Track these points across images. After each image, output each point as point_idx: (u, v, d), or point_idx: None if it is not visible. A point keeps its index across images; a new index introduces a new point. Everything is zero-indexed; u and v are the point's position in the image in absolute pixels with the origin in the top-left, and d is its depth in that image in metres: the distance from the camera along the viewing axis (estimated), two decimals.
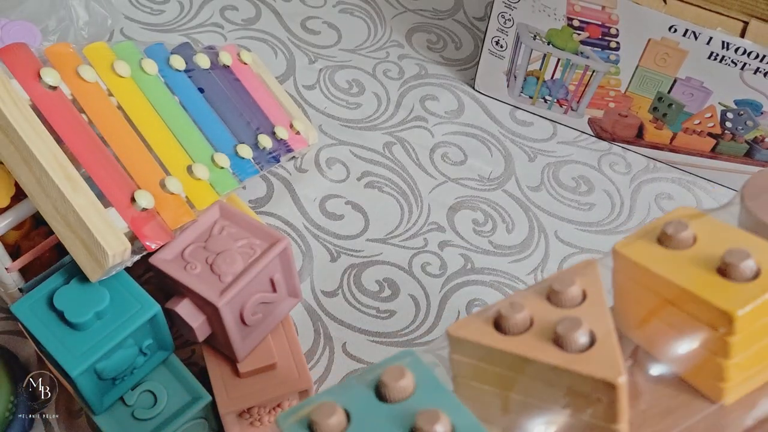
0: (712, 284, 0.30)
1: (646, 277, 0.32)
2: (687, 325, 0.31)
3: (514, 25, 0.73)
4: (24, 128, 0.48)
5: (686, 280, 0.30)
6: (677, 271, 0.31)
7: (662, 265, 0.32)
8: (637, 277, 0.33)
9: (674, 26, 0.67)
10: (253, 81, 0.65)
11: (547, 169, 0.76)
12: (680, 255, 0.32)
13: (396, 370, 0.28)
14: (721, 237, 0.32)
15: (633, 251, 0.33)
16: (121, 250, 0.48)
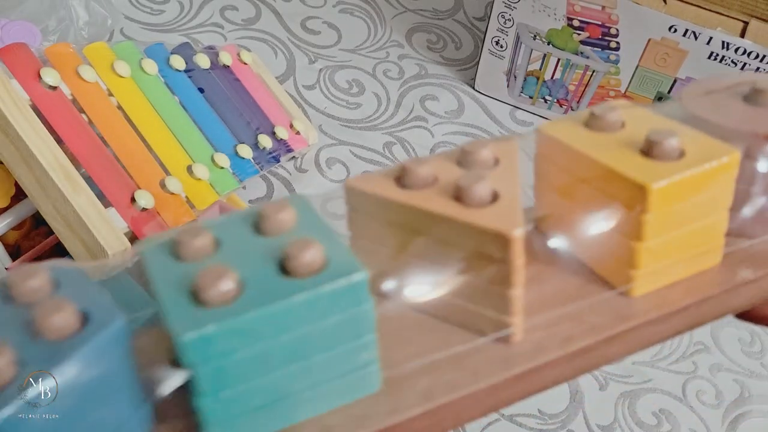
0: (633, 162, 0.29)
1: (567, 155, 0.31)
2: (602, 205, 0.30)
3: (514, 25, 0.73)
4: (24, 128, 0.48)
5: (606, 158, 0.29)
6: (599, 149, 0.30)
7: (584, 143, 0.30)
8: (557, 157, 0.31)
9: (674, 26, 0.66)
10: (253, 81, 0.65)
11: None
12: (605, 137, 0.31)
13: (277, 204, 0.25)
14: (651, 123, 0.31)
15: (556, 130, 0.31)
16: (121, 251, 0.48)
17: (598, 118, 0.31)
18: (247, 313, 0.22)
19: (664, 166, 0.29)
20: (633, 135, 0.30)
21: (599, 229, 0.30)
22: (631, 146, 0.30)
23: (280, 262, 0.24)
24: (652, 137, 0.29)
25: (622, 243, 0.30)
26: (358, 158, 0.74)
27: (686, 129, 0.31)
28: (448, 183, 0.28)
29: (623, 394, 0.63)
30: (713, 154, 0.29)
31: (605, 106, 0.31)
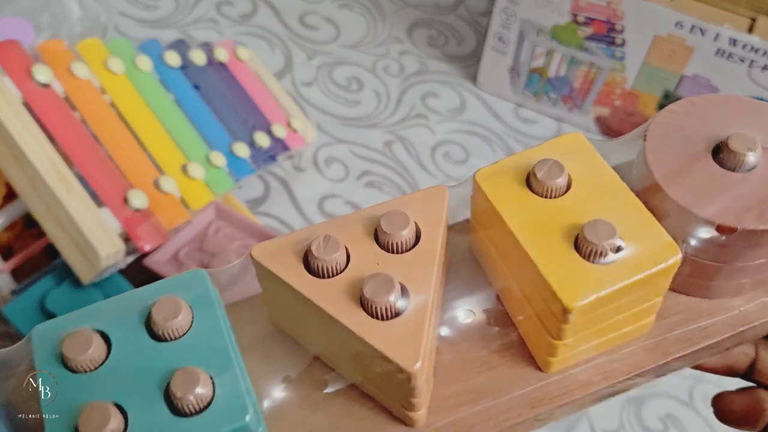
0: (562, 259, 0.27)
1: (498, 223, 0.29)
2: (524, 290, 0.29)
3: (517, 21, 0.72)
4: (15, 127, 0.47)
5: (534, 244, 0.27)
6: (530, 226, 0.28)
7: (517, 215, 0.28)
8: (490, 217, 0.30)
9: (681, 22, 0.65)
10: (249, 78, 0.64)
11: None
12: (542, 205, 0.28)
13: (168, 303, 0.25)
14: (600, 195, 0.29)
15: (494, 185, 0.29)
16: (113, 252, 0.47)
17: (541, 182, 0.28)
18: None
19: (594, 273, 0.27)
20: (573, 212, 0.28)
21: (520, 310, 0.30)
22: (565, 234, 0.28)
23: (166, 393, 0.24)
24: (588, 235, 0.27)
25: (541, 334, 0.29)
26: (358, 157, 0.73)
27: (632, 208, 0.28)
28: (358, 277, 0.27)
29: (629, 399, 0.62)
30: (653, 255, 0.27)
31: (551, 167, 0.28)
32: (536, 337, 0.29)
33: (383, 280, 0.26)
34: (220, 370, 0.24)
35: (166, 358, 0.24)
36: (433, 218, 0.28)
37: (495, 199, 0.29)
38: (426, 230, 0.28)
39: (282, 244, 0.28)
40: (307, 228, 0.28)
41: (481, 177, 0.29)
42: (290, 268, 0.27)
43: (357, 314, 0.26)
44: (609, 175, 0.29)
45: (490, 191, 0.29)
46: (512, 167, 0.30)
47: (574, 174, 0.29)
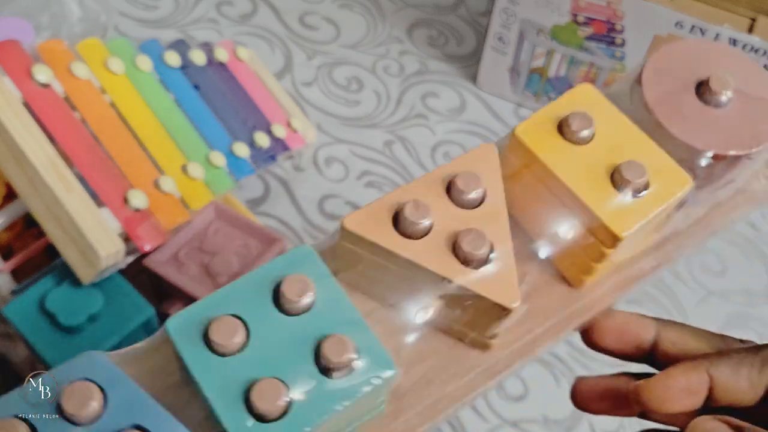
0: (604, 195, 0.32)
1: (542, 170, 0.33)
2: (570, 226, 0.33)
3: (517, 21, 0.72)
4: (15, 126, 0.47)
5: (579, 186, 0.32)
6: (573, 171, 0.32)
7: (560, 162, 0.32)
8: (531, 166, 0.33)
9: (681, 22, 0.65)
10: (249, 78, 0.64)
11: None
12: (578, 151, 0.33)
13: (297, 281, 0.27)
14: (620, 137, 0.33)
15: (532, 139, 0.33)
16: (113, 252, 0.47)
17: (574, 131, 0.33)
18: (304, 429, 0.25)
19: (633, 206, 0.32)
20: (605, 153, 0.33)
21: (563, 244, 0.34)
22: (602, 171, 0.32)
23: (315, 358, 0.26)
24: (624, 174, 0.32)
25: (581, 257, 0.33)
26: (358, 157, 0.73)
27: (652, 149, 0.33)
28: (446, 232, 0.30)
29: None
30: (673, 186, 0.32)
31: (581, 118, 0.33)
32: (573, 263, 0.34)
33: (476, 236, 0.30)
34: (358, 333, 0.27)
35: (306, 331, 0.27)
36: (491, 173, 0.32)
37: (539, 151, 0.33)
38: (489, 185, 0.32)
39: (371, 213, 0.30)
40: (388, 195, 0.31)
41: (521, 131, 0.33)
42: (386, 234, 0.30)
43: (456, 266, 0.30)
44: (622, 119, 0.34)
45: (533, 145, 0.33)
46: (543, 119, 0.34)
47: (596, 120, 0.33)
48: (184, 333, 0.27)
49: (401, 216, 0.30)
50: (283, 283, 0.27)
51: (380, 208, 0.31)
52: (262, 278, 0.28)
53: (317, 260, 0.29)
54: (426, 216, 0.30)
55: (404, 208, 0.30)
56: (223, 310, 0.27)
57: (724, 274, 0.70)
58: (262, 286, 0.28)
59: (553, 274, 0.35)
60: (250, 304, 0.27)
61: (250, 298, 0.27)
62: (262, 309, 0.27)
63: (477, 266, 0.30)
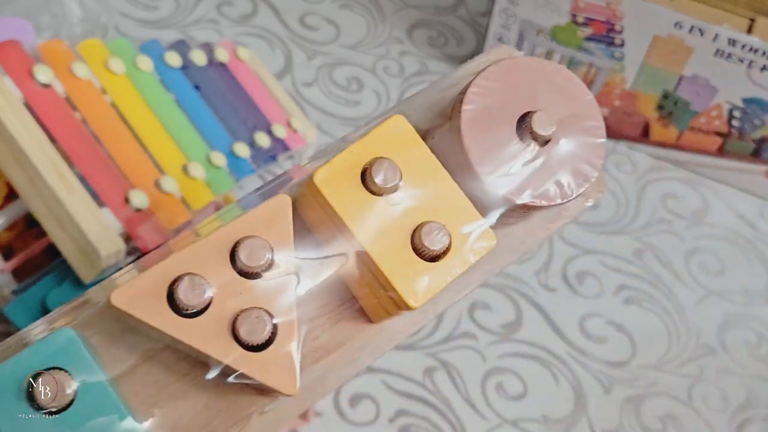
0: (402, 261, 0.30)
1: (341, 224, 0.30)
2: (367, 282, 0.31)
3: (517, 21, 0.72)
4: (16, 127, 0.47)
5: (377, 249, 0.30)
6: (372, 230, 0.30)
7: (359, 219, 0.30)
8: (331, 216, 0.31)
9: (680, 23, 0.65)
10: (249, 78, 0.64)
11: None
12: (380, 204, 0.30)
13: (51, 380, 0.25)
14: (428, 186, 0.31)
15: (332, 188, 0.30)
16: (114, 251, 0.47)
17: (377, 186, 0.30)
18: None
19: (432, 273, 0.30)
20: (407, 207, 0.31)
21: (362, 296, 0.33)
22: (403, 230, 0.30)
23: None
24: (423, 239, 0.30)
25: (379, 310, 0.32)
26: None
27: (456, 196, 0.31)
28: (226, 309, 0.28)
29: (628, 398, 0.62)
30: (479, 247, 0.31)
31: (386, 170, 0.30)
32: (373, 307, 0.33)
33: (256, 319, 0.27)
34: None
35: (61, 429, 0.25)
36: (283, 234, 0.29)
37: (338, 204, 0.30)
38: (278, 247, 0.29)
39: (142, 286, 0.27)
40: (163, 264, 0.28)
41: (320, 180, 0.30)
42: (159, 313, 0.27)
43: (234, 349, 0.27)
44: (432, 163, 0.32)
45: (331, 196, 0.30)
46: (347, 166, 0.31)
47: (403, 167, 0.31)
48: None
49: (175, 293, 0.27)
50: (37, 383, 0.25)
51: (156, 281, 0.27)
52: (15, 369, 0.25)
53: (79, 347, 0.26)
54: (202, 294, 0.27)
55: (179, 284, 0.27)
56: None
57: (723, 273, 0.70)
58: (14, 379, 0.25)
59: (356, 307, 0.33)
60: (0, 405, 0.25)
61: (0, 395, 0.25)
62: (12, 410, 0.25)
63: (259, 348, 0.28)
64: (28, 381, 0.25)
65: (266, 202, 0.30)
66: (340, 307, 0.33)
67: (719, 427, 0.61)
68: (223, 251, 0.28)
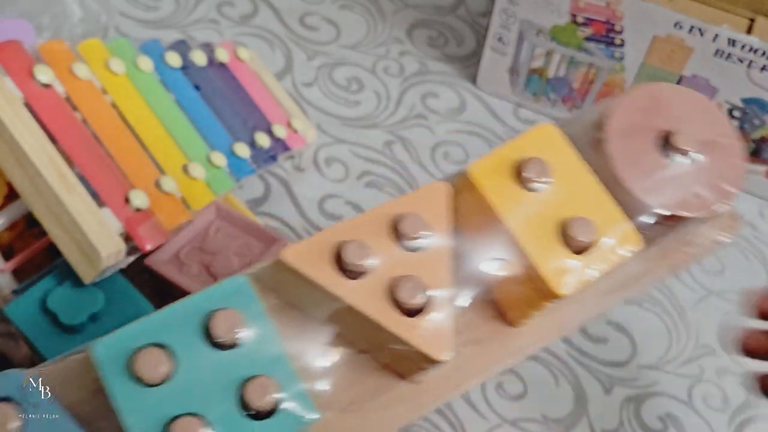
0: (550, 251, 0.31)
1: (491, 214, 0.32)
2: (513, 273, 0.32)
3: (516, 22, 0.72)
4: (17, 127, 0.47)
5: (526, 238, 0.31)
6: (521, 220, 0.31)
7: (510, 209, 0.32)
8: (481, 207, 0.32)
9: (680, 23, 0.66)
10: (250, 78, 0.64)
11: None
12: (530, 199, 0.32)
13: (227, 317, 0.27)
14: (576, 187, 0.33)
15: (486, 181, 0.32)
16: (114, 251, 0.47)
17: (528, 178, 0.32)
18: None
19: (579, 265, 0.31)
20: (556, 204, 0.32)
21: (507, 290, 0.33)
22: (551, 223, 0.32)
23: (239, 399, 0.26)
24: (571, 231, 0.31)
25: (521, 305, 0.33)
26: (358, 157, 0.73)
27: (604, 199, 0.33)
28: (385, 275, 0.29)
29: (628, 398, 0.62)
30: (623, 245, 0.32)
31: (536, 165, 0.32)
32: (513, 306, 0.34)
33: (413, 285, 0.29)
34: (284, 376, 0.27)
35: (232, 368, 0.27)
36: (439, 214, 0.31)
37: (490, 195, 0.32)
38: (435, 226, 0.31)
39: (312, 247, 0.29)
40: (331, 228, 0.30)
41: (475, 171, 0.32)
42: (324, 271, 0.29)
43: (391, 313, 0.29)
44: (580, 167, 0.33)
45: (485, 187, 0.32)
46: (499, 160, 0.33)
47: (553, 167, 0.33)
48: (109, 359, 0.26)
49: (342, 255, 0.29)
50: (214, 317, 0.27)
51: (322, 243, 0.30)
52: (193, 308, 0.27)
53: (251, 293, 0.28)
54: (366, 258, 0.29)
55: (346, 247, 0.29)
56: (151, 339, 0.26)
57: (723, 273, 0.70)
58: (192, 316, 0.27)
59: (492, 309, 0.34)
60: (179, 334, 0.27)
61: (179, 327, 0.27)
62: (190, 340, 0.27)
63: (413, 314, 0.29)
64: (206, 316, 0.27)
65: (427, 186, 0.32)
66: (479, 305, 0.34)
67: (719, 427, 0.61)
68: (384, 224, 0.31)
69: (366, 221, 0.31)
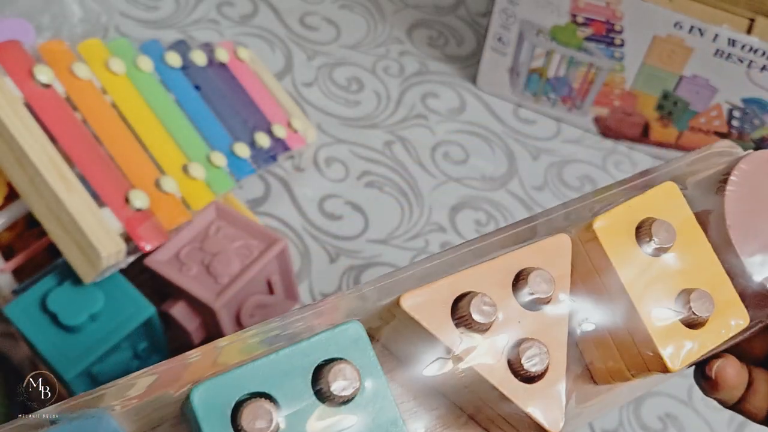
0: (666, 323, 0.30)
1: (610, 274, 0.30)
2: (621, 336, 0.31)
3: (516, 22, 0.72)
4: (17, 127, 0.47)
5: (643, 304, 0.30)
6: (640, 285, 0.30)
7: (630, 272, 0.30)
8: (599, 263, 0.31)
9: (679, 23, 0.66)
10: (250, 78, 0.64)
11: (550, 168, 0.74)
12: (651, 263, 0.30)
13: (343, 372, 0.25)
14: (694, 255, 0.31)
15: (609, 238, 0.30)
16: (114, 251, 0.47)
17: (652, 239, 0.30)
18: None
19: (691, 339, 0.30)
20: (675, 271, 0.31)
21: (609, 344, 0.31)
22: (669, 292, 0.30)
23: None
24: (693, 304, 0.30)
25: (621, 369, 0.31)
26: (358, 157, 0.73)
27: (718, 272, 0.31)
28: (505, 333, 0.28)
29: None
30: (732, 322, 0.31)
31: (665, 229, 0.31)
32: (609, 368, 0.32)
33: (536, 350, 0.27)
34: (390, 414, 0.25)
35: (342, 425, 0.25)
36: (562, 271, 0.30)
37: (613, 255, 0.30)
38: (558, 284, 0.29)
39: (430, 295, 0.28)
40: (452, 278, 0.28)
41: (599, 227, 0.31)
42: (442, 323, 0.28)
43: (509, 378, 0.27)
44: (698, 234, 0.32)
45: (608, 245, 0.30)
46: (624, 220, 0.31)
47: (675, 231, 0.31)
48: (209, 408, 0.24)
49: (463, 308, 0.27)
50: (329, 372, 0.25)
51: (441, 292, 0.28)
52: (304, 355, 0.25)
53: (366, 344, 0.26)
54: (491, 314, 0.27)
55: (469, 299, 0.27)
56: (256, 387, 0.24)
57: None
58: (303, 364, 0.25)
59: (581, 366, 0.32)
60: (287, 385, 0.25)
61: (286, 376, 0.25)
62: (299, 392, 0.25)
63: (529, 381, 0.27)
64: (317, 366, 0.25)
65: (549, 238, 0.30)
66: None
67: (719, 427, 0.61)
68: (507, 277, 0.29)
69: (490, 272, 0.29)
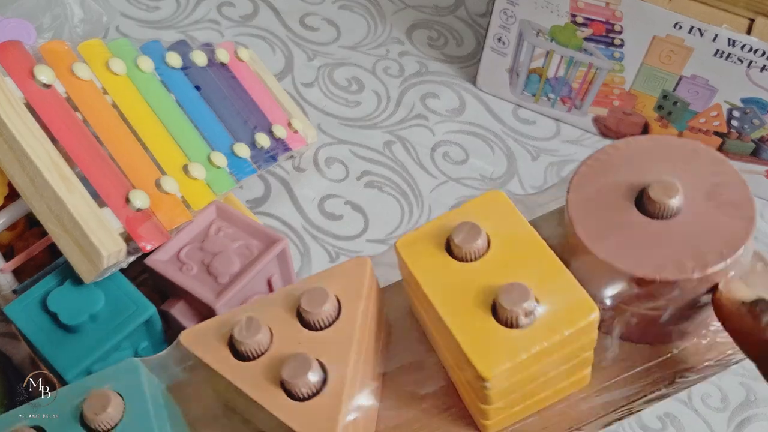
0: (477, 327, 0.27)
1: (419, 290, 0.29)
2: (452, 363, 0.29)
3: (516, 22, 0.72)
4: (18, 127, 0.47)
5: (450, 315, 0.27)
6: (448, 293, 0.28)
7: (435, 282, 0.28)
8: (411, 285, 0.30)
9: (679, 23, 0.66)
10: (250, 79, 0.64)
11: (550, 168, 0.75)
12: (460, 271, 0.28)
13: (100, 397, 0.26)
14: (518, 255, 0.28)
15: (411, 254, 0.29)
16: (115, 251, 0.47)
17: (458, 246, 0.28)
18: None
19: (510, 339, 0.26)
20: (491, 274, 0.28)
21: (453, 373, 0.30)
22: (483, 295, 0.27)
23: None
24: (503, 301, 0.26)
25: (472, 400, 0.29)
26: (358, 157, 0.73)
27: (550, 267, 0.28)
28: (279, 357, 0.27)
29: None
30: (570, 315, 0.27)
31: (467, 232, 0.28)
32: (470, 401, 0.29)
33: (301, 362, 0.27)
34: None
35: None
36: (353, 291, 0.29)
37: (414, 267, 0.29)
38: (346, 304, 0.28)
39: (209, 328, 0.28)
40: (234, 311, 0.29)
41: (401, 245, 0.29)
42: (216, 352, 0.28)
43: (277, 396, 0.27)
44: (528, 233, 0.29)
45: (409, 259, 0.29)
46: (433, 233, 0.29)
47: (493, 235, 0.29)
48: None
49: (233, 335, 0.28)
50: (86, 399, 0.27)
51: (220, 324, 0.29)
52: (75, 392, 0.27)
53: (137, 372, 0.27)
54: (255, 334, 0.27)
55: (236, 324, 0.28)
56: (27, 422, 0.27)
57: None
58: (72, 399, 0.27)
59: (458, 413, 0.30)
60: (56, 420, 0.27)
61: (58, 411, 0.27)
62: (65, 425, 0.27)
63: (302, 398, 0.27)
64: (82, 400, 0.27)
65: (347, 261, 0.30)
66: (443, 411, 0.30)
67: (719, 427, 0.61)
68: (291, 303, 0.29)
69: (272, 301, 0.29)
